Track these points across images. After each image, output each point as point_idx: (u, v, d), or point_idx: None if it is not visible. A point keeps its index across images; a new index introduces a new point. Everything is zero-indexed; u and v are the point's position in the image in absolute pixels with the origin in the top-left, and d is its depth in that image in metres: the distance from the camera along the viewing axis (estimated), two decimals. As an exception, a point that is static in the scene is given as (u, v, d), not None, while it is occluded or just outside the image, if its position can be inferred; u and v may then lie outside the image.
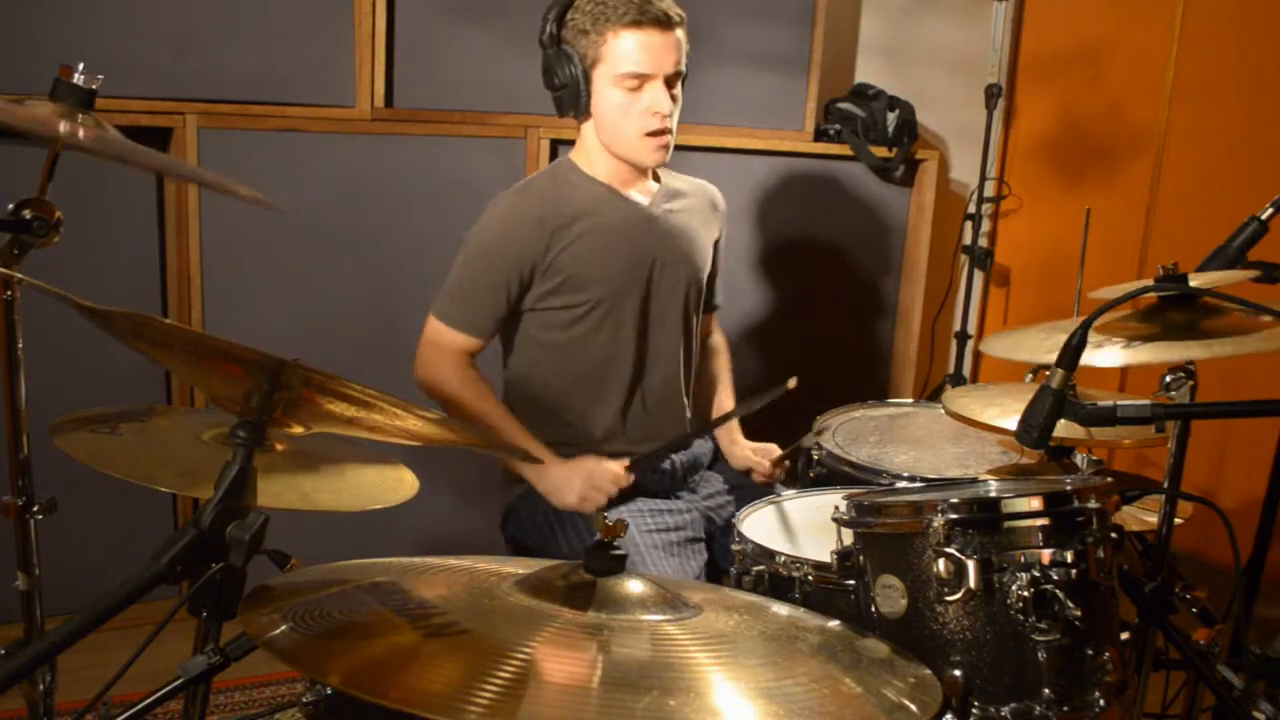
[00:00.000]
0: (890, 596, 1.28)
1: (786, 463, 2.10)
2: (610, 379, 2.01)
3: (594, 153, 1.98)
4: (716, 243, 2.17)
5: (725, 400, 2.27)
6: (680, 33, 1.89)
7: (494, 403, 1.98)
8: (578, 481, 1.88)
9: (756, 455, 2.15)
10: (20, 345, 1.44)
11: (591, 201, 1.97)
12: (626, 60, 1.85)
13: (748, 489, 2.10)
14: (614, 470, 1.88)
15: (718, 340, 2.34)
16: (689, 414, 2.13)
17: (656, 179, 2.06)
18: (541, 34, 1.92)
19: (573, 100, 1.91)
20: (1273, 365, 2.70)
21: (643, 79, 1.86)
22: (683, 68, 1.91)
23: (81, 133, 1.33)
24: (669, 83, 1.88)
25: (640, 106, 1.88)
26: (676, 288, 2.03)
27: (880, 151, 3.27)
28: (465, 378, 1.96)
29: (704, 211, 2.11)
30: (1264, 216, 1.50)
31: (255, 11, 2.54)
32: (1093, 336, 1.45)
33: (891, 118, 3.28)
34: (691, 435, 2.07)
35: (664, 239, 2.01)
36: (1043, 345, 1.45)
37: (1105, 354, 1.42)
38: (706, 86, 2.00)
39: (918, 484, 1.86)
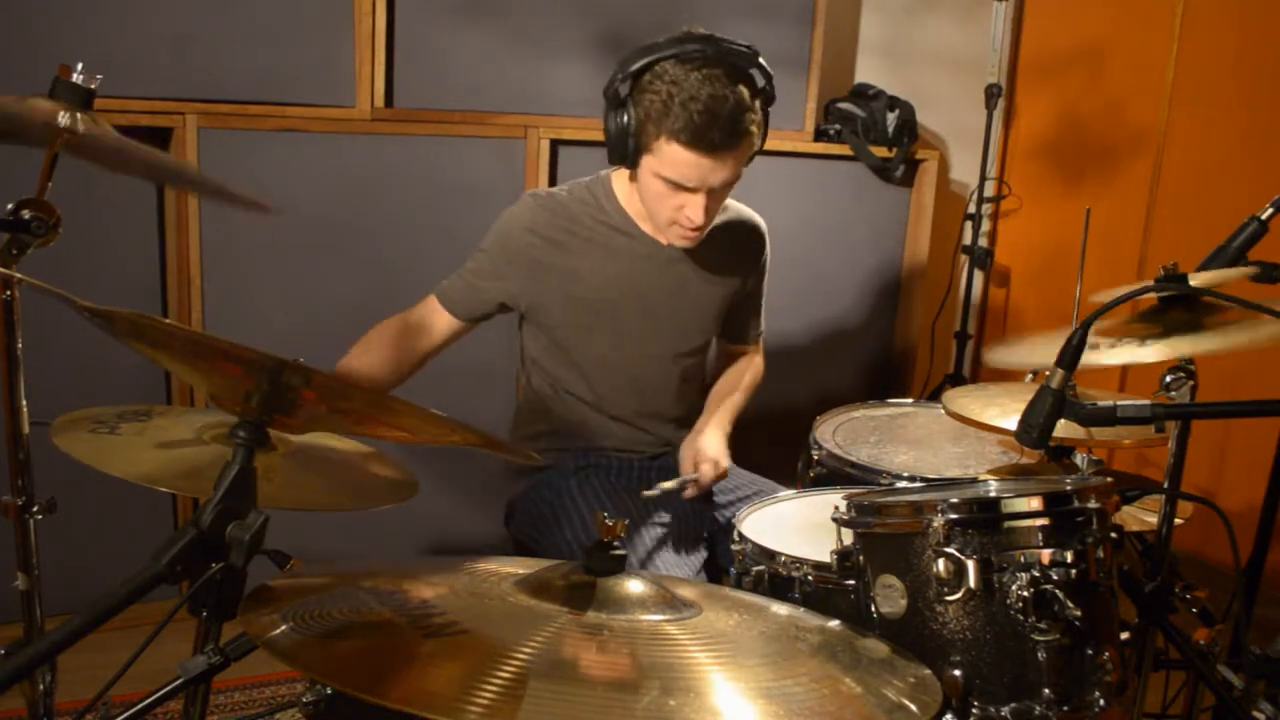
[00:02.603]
0: (890, 596, 1.28)
1: (703, 483, 1.91)
2: (597, 400, 2.02)
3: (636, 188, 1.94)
4: (759, 275, 2.13)
5: (728, 397, 2.17)
6: (738, 152, 1.78)
7: (356, 363, 1.95)
8: None
9: (695, 457, 1.94)
10: (20, 345, 1.44)
11: (603, 230, 1.95)
12: (670, 169, 1.78)
13: (751, 490, 2.10)
14: None
15: (757, 361, 2.22)
16: (681, 434, 2.10)
17: None
18: (609, 84, 1.81)
19: (619, 160, 1.84)
20: (1273, 365, 2.70)
21: (683, 189, 1.80)
22: (737, 175, 1.83)
23: (81, 127, 1.33)
24: (712, 193, 1.82)
25: (674, 202, 1.82)
26: (674, 328, 2.02)
27: (880, 151, 3.27)
28: (380, 330, 1.98)
29: (739, 250, 2.07)
30: (1264, 216, 1.50)
31: (255, 11, 2.54)
32: (1093, 337, 1.46)
33: (891, 118, 3.28)
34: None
35: (671, 280, 1.99)
36: (1049, 353, 1.44)
37: (1105, 354, 1.42)
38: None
39: (918, 484, 1.86)
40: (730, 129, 1.74)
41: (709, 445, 1.93)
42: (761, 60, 1.81)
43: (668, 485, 1.85)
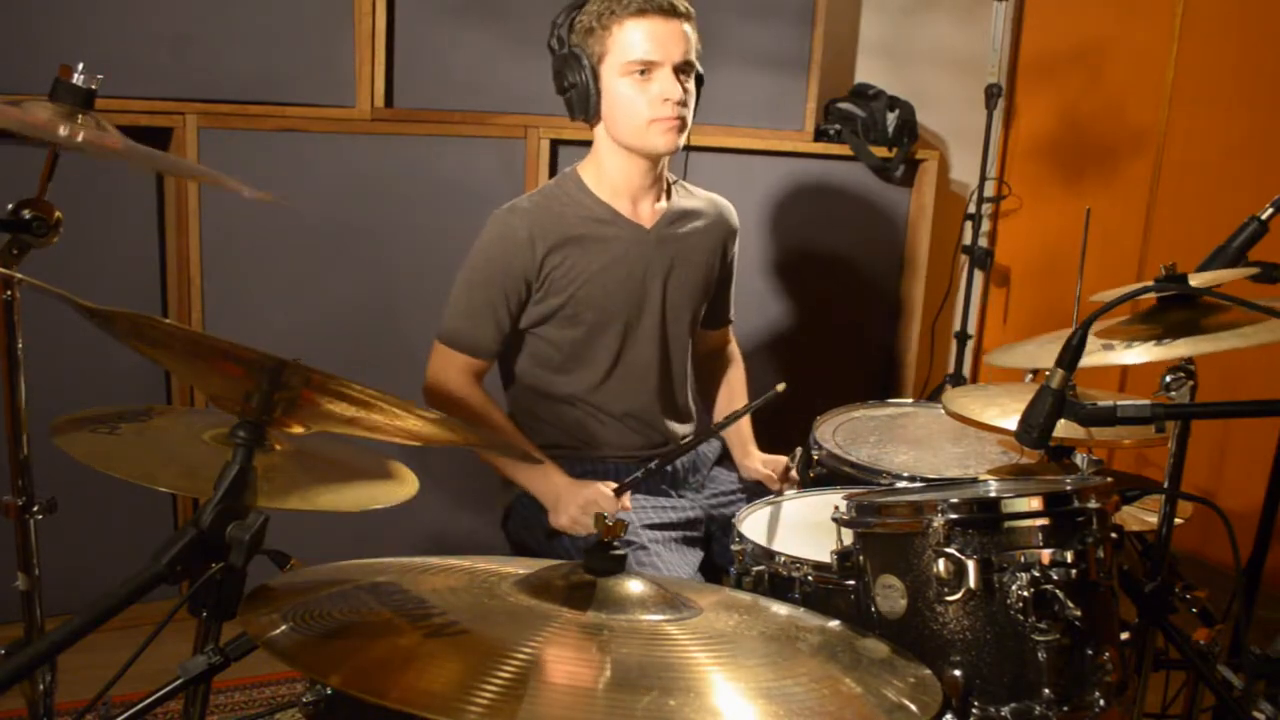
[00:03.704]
0: (890, 596, 1.28)
1: (794, 473, 2.07)
2: (599, 401, 2.01)
3: (605, 161, 1.96)
4: (729, 259, 2.16)
5: (746, 433, 2.24)
6: (688, 26, 1.88)
7: (500, 416, 1.99)
8: (574, 508, 1.87)
9: (766, 468, 2.13)
10: (20, 345, 1.44)
11: (588, 223, 1.96)
12: (633, 48, 1.84)
13: (756, 488, 2.10)
14: (608, 502, 1.86)
15: (733, 351, 2.33)
16: (678, 429, 2.11)
17: (667, 196, 2.04)
18: (550, 39, 1.91)
19: (582, 102, 1.89)
20: (1273, 365, 2.70)
21: (650, 66, 1.84)
22: (692, 58, 1.89)
23: (82, 135, 1.33)
24: (679, 72, 1.86)
25: (649, 95, 1.85)
26: (670, 312, 2.03)
27: (880, 151, 3.27)
28: (471, 395, 1.94)
29: (713, 231, 2.09)
30: (1264, 216, 1.50)
31: (255, 11, 2.54)
32: (1093, 338, 1.46)
33: (891, 118, 3.28)
34: (669, 455, 1.97)
35: (662, 265, 2.00)
36: (1047, 352, 1.44)
37: (1104, 355, 1.42)
38: (707, 87, 1.99)
39: (918, 484, 1.86)
40: None
41: (761, 458, 2.16)
42: None
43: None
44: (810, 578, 1.46)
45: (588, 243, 1.95)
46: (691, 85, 1.91)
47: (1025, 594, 1.20)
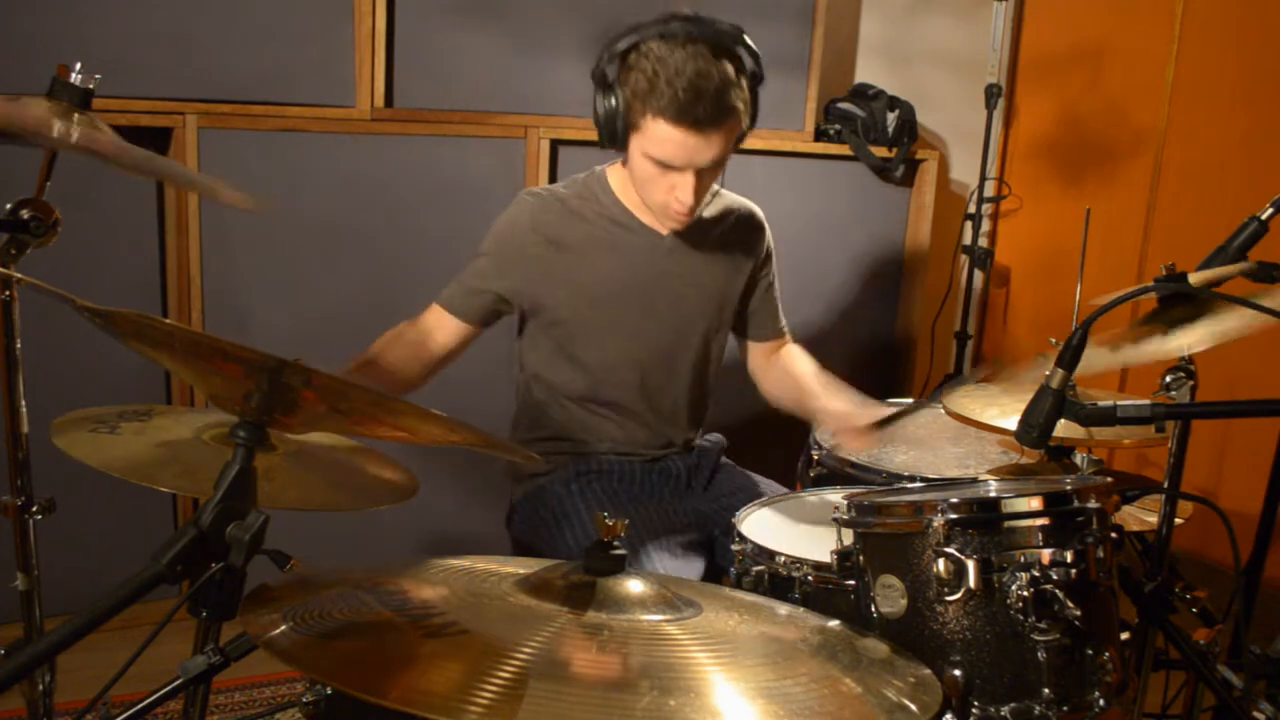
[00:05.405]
0: (890, 596, 1.28)
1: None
2: (601, 401, 2.00)
3: (628, 180, 1.94)
4: (762, 268, 2.11)
5: (815, 385, 2.05)
6: (730, 124, 1.78)
7: (381, 358, 1.91)
8: None
9: (843, 423, 1.95)
10: (20, 345, 1.44)
11: (604, 223, 1.95)
12: (658, 147, 1.77)
13: (751, 491, 2.09)
14: None
15: (791, 348, 2.19)
16: (684, 434, 2.10)
17: None
18: (596, 65, 1.82)
19: (610, 139, 1.84)
20: (1273, 365, 2.70)
21: (670, 169, 1.80)
22: (726, 154, 1.82)
23: (76, 134, 1.33)
24: (702, 172, 1.81)
25: (665, 184, 1.82)
26: (681, 319, 2.01)
27: (880, 151, 3.27)
28: (398, 334, 1.94)
29: (735, 235, 2.06)
30: (1264, 216, 1.50)
31: (255, 11, 2.55)
32: (1093, 339, 1.46)
33: (891, 118, 3.28)
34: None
35: (672, 269, 1.98)
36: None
37: (1109, 357, 1.42)
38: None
39: (918, 484, 1.86)
40: (716, 105, 1.74)
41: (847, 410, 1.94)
42: (747, 39, 1.82)
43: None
44: (810, 578, 1.46)
45: (596, 243, 1.94)
46: (717, 172, 1.86)
47: (1025, 594, 1.20)
